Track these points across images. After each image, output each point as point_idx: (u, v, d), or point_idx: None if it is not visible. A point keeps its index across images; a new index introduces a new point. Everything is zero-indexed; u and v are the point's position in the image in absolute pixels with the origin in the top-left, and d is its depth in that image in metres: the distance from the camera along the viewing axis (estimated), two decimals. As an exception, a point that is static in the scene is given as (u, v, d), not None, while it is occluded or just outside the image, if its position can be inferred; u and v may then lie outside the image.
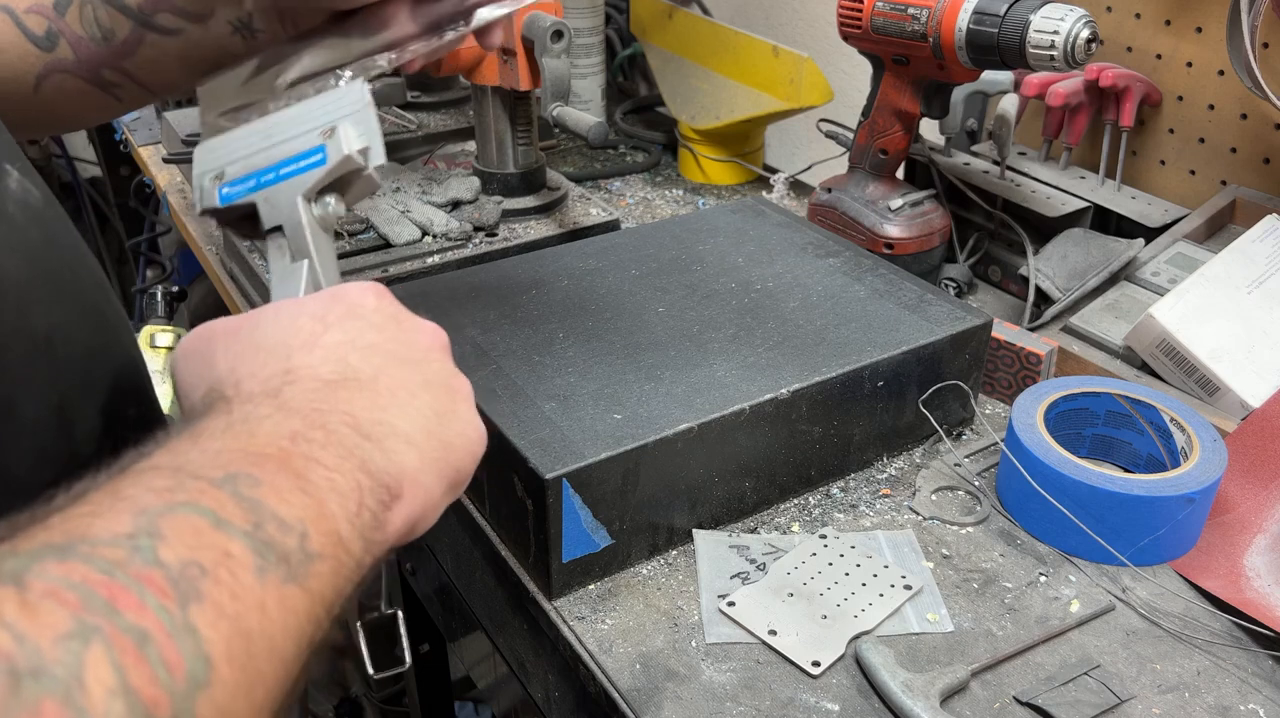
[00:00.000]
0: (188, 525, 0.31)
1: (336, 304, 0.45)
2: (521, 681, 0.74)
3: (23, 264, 0.44)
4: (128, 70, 0.66)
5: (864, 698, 0.58)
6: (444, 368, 0.46)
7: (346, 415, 0.40)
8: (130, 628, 0.27)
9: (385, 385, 0.42)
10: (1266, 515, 0.69)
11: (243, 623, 0.31)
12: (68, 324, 0.47)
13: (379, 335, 0.44)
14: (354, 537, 0.37)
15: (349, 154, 0.50)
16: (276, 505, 0.34)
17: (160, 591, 0.29)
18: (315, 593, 0.34)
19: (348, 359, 0.42)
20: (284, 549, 0.33)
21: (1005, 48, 0.80)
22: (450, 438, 0.43)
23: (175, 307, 1.45)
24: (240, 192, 0.52)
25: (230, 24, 0.65)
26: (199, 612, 0.29)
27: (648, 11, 1.35)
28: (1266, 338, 0.79)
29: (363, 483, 0.38)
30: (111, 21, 0.64)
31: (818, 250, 0.86)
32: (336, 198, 0.51)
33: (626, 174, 1.32)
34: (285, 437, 0.37)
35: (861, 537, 0.69)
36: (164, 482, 0.33)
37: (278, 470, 0.36)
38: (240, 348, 0.43)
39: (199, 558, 0.31)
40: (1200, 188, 0.99)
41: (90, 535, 0.30)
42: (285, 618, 0.32)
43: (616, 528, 0.65)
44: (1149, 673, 0.60)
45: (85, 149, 2.18)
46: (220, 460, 0.35)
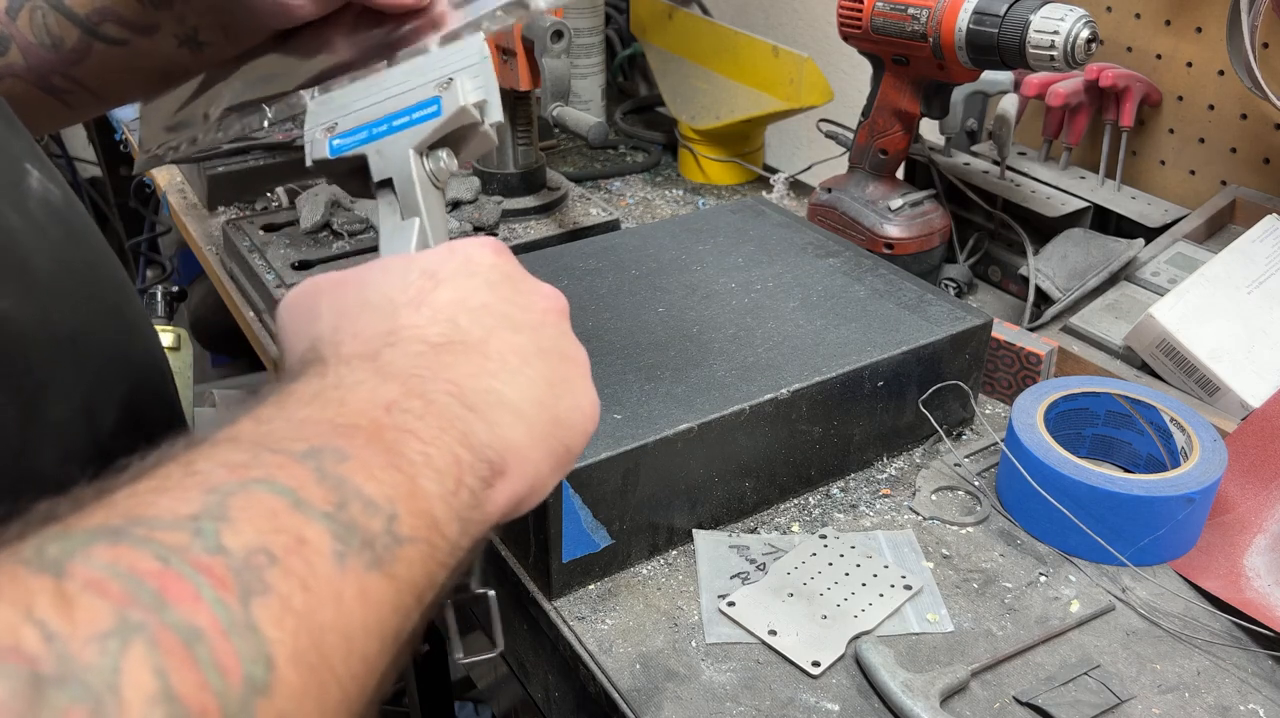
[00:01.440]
0: (260, 507, 0.28)
1: (451, 259, 0.42)
2: (521, 681, 0.74)
3: (47, 264, 0.44)
4: (76, 78, 0.67)
5: (864, 698, 0.58)
6: (560, 335, 0.43)
7: (450, 383, 0.37)
8: (179, 625, 0.24)
9: (495, 350, 0.39)
10: (1266, 515, 0.69)
11: (314, 618, 0.27)
12: (92, 323, 0.47)
13: (493, 295, 0.41)
14: (450, 518, 0.34)
15: (465, 106, 0.48)
16: (364, 483, 0.31)
17: (219, 582, 0.26)
18: (403, 581, 0.31)
19: (457, 320, 0.39)
20: (369, 533, 0.30)
21: (1005, 48, 0.80)
22: (562, 411, 0.40)
23: (175, 307, 1.45)
24: (351, 143, 0.50)
25: (176, 37, 0.66)
26: (262, 606, 0.26)
27: (648, 11, 1.35)
28: (1266, 338, 0.79)
29: (462, 458, 0.35)
30: (61, 29, 0.65)
31: (818, 250, 0.86)
32: (449, 153, 0.49)
33: (626, 174, 1.32)
34: (380, 406, 0.34)
35: (861, 537, 0.69)
36: (241, 455, 0.30)
37: (367, 444, 0.32)
38: (345, 303, 0.40)
39: (268, 544, 0.27)
40: (1200, 188, 0.99)
41: (150, 515, 0.27)
42: (366, 611, 0.29)
43: (616, 528, 0.65)
44: (1149, 673, 0.60)
45: (85, 149, 2.18)
46: (305, 432, 0.32)
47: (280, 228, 1.02)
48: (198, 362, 1.94)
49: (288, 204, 1.11)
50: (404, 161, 0.48)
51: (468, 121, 0.49)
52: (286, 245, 0.98)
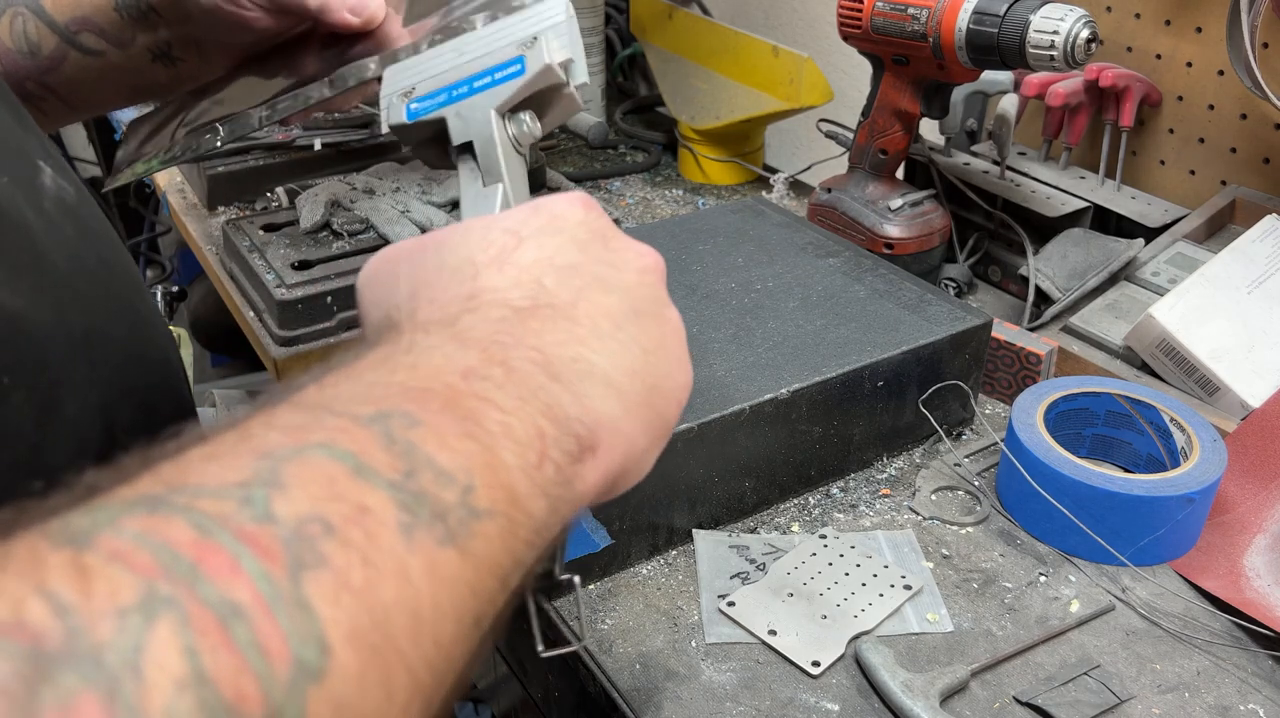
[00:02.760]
0: (318, 472, 0.26)
1: (536, 216, 0.38)
2: (521, 681, 0.74)
3: (61, 262, 0.44)
4: (50, 85, 0.68)
5: (864, 698, 0.58)
6: (656, 295, 0.39)
7: (534, 351, 0.34)
8: (216, 600, 0.22)
9: (585, 313, 0.36)
10: (1266, 515, 0.69)
11: (376, 595, 0.24)
12: (106, 320, 0.47)
13: (582, 254, 0.38)
14: (534, 493, 0.31)
15: (550, 64, 0.46)
16: (436, 451, 0.28)
17: (266, 552, 0.23)
18: (481, 558, 0.28)
19: (542, 280, 0.36)
20: (441, 504, 0.27)
21: (1005, 48, 0.80)
22: (656, 379, 0.37)
23: (175, 307, 1.45)
24: (429, 106, 0.48)
25: (150, 51, 0.67)
26: (315, 581, 0.23)
27: (648, 11, 1.35)
28: (1266, 338, 0.79)
29: (546, 431, 0.32)
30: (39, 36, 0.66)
31: (818, 250, 0.86)
32: (533, 115, 0.47)
33: (626, 174, 1.32)
34: (456, 372, 0.31)
35: (861, 537, 0.69)
36: (299, 418, 0.28)
37: (442, 410, 0.30)
38: (424, 268, 0.38)
39: (324, 512, 0.25)
40: (1200, 188, 0.99)
41: (195, 483, 0.24)
42: (438, 589, 0.26)
43: (616, 528, 0.65)
44: (1149, 673, 0.60)
45: (85, 149, 2.18)
46: (373, 394, 0.29)
47: (280, 228, 1.02)
48: (198, 362, 1.94)
49: (288, 204, 1.11)
50: (485, 124, 0.46)
51: (553, 82, 0.46)
52: (286, 245, 0.98)
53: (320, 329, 0.92)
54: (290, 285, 0.91)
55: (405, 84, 0.50)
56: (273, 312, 0.92)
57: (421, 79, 0.49)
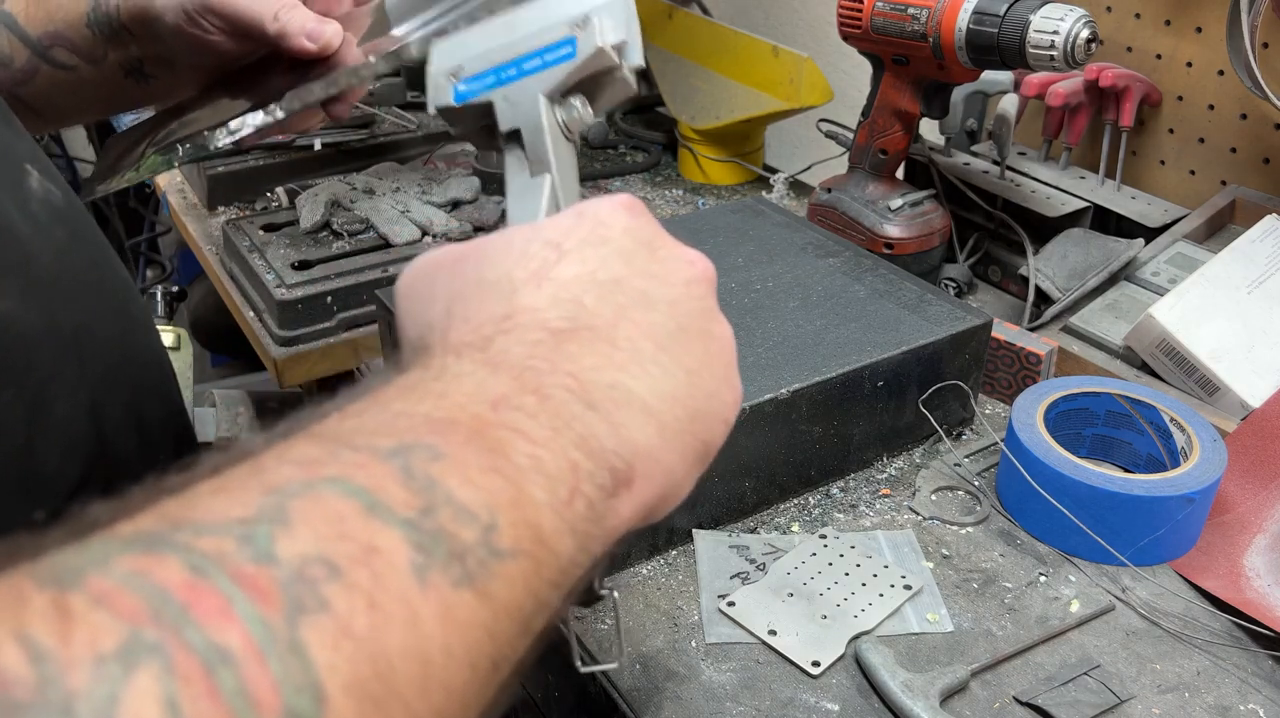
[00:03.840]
0: (326, 510, 0.25)
1: (579, 225, 0.37)
2: (521, 680, 0.74)
3: (49, 264, 0.44)
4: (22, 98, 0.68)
5: (864, 698, 0.58)
6: (704, 309, 0.38)
7: (570, 378, 0.32)
8: (205, 645, 0.21)
9: (625, 335, 0.34)
10: (1266, 515, 0.69)
11: (380, 642, 0.23)
12: (95, 323, 0.47)
13: (626, 267, 0.36)
14: (562, 531, 0.29)
15: (602, 47, 0.43)
16: (458, 487, 0.27)
17: (262, 596, 0.22)
18: (501, 601, 0.27)
19: (583, 299, 0.34)
20: (458, 544, 0.26)
21: (1005, 48, 0.80)
22: (699, 402, 0.35)
23: (175, 307, 1.46)
24: (477, 89, 0.45)
25: (122, 67, 0.68)
26: (313, 626, 0.22)
27: (648, 11, 1.35)
28: (1266, 338, 0.79)
29: (580, 465, 0.31)
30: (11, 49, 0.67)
31: (818, 250, 0.86)
32: (584, 101, 0.45)
33: (626, 174, 1.32)
34: (486, 402, 0.30)
35: (861, 537, 0.69)
36: (315, 451, 0.27)
37: (467, 443, 0.28)
38: (462, 282, 0.36)
39: (330, 553, 0.24)
40: (1200, 188, 0.99)
41: (198, 520, 0.23)
42: (450, 633, 0.25)
43: (616, 528, 0.65)
44: (1149, 673, 0.60)
45: (85, 149, 2.18)
46: (396, 426, 0.28)
47: (280, 228, 1.02)
48: (198, 362, 1.94)
49: (288, 204, 1.11)
50: (534, 109, 0.44)
51: (606, 65, 0.44)
52: (286, 245, 0.98)
53: (320, 329, 0.92)
54: (290, 285, 0.91)
55: (453, 62, 0.47)
56: (273, 312, 0.92)
57: (470, 57, 0.46)
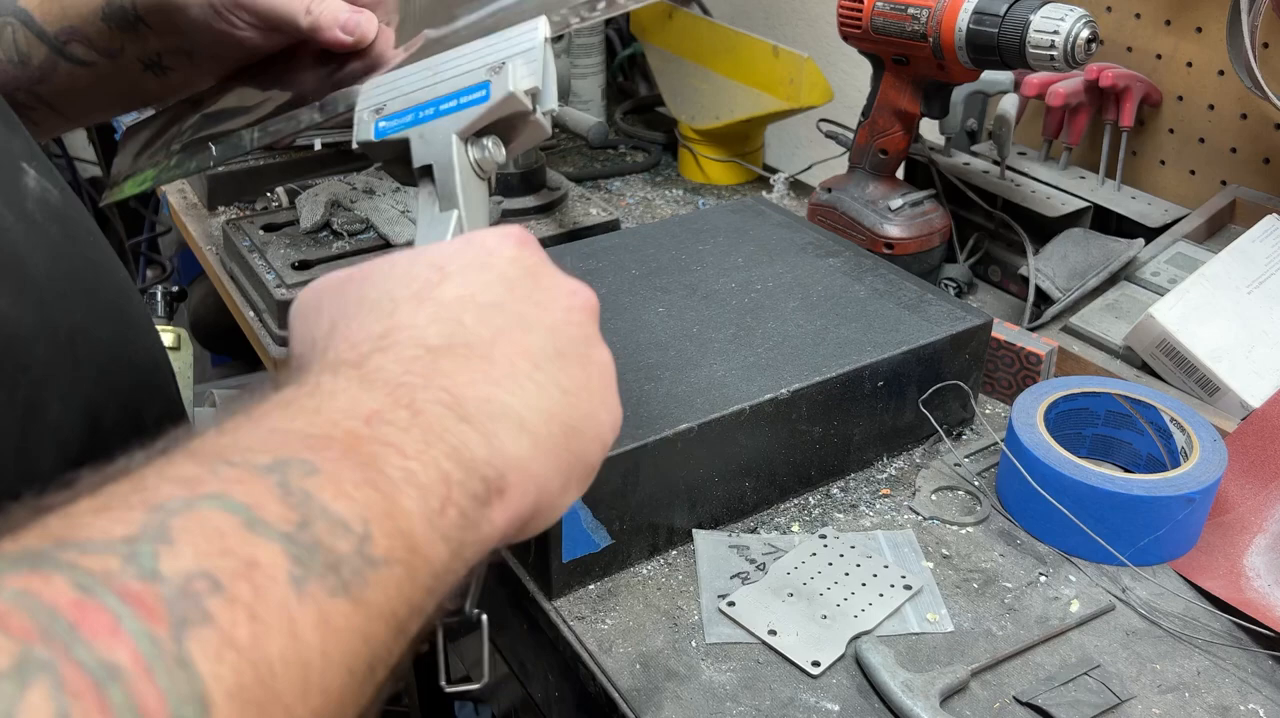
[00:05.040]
0: (208, 526, 0.26)
1: (465, 251, 0.38)
2: (521, 681, 0.74)
3: (45, 262, 0.44)
4: (41, 95, 0.67)
5: (864, 698, 0.58)
6: (584, 336, 0.39)
7: (444, 392, 0.33)
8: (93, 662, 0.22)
9: (503, 354, 0.36)
10: (1266, 515, 0.69)
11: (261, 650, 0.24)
12: (90, 323, 0.47)
13: (508, 292, 0.37)
14: (435, 539, 0.30)
15: (514, 93, 0.45)
16: (332, 500, 0.28)
17: (149, 612, 0.23)
18: (376, 608, 0.28)
19: (461, 318, 0.36)
20: (334, 555, 0.27)
21: (1005, 48, 0.80)
22: (575, 420, 0.37)
23: (175, 307, 1.45)
24: (396, 126, 0.48)
25: (140, 61, 0.67)
26: (198, 639, 0.23)
27: (648, 11, 1.35)
28: (1266, 338, 0.79)
29: (452, 475, 0.32)
30: (29, 46, 0.66)
31: (818, 250, 0.86)
32: (496, 141, 0.47)
33: (626, 174, 1.32)
34: (359, 417, 0.31)
35: (861, 537, 0.69)
36: (194, 469, 0.28)
37: (341, 457, 0.29)
38: (345, 302, 0.37)
39: (211, 568, 0.25)
40: (1200, 188, 0.99)
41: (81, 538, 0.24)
42: (327, 640, 0.26)
43: (616, 528, 0.65)
44: (1149, 673, 0.60)
45: (85, 149, 2.18)
46: (272, 443, 0.29)
47: (280, 228, 1.02)
48: (198, 362, 1.94)
49: (288, 204, 1.11)
50: (446, 148, 0.46)
51: (517, 109, 0.46)
52: (286, 245, 0.98)
53: (320, 329, 0.92)
54: (290, 285, 0.91)
55: (377, 100, 0.50)
56: (273, 312, 0.92)
57: (393, 96, 0.49)
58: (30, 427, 0.41)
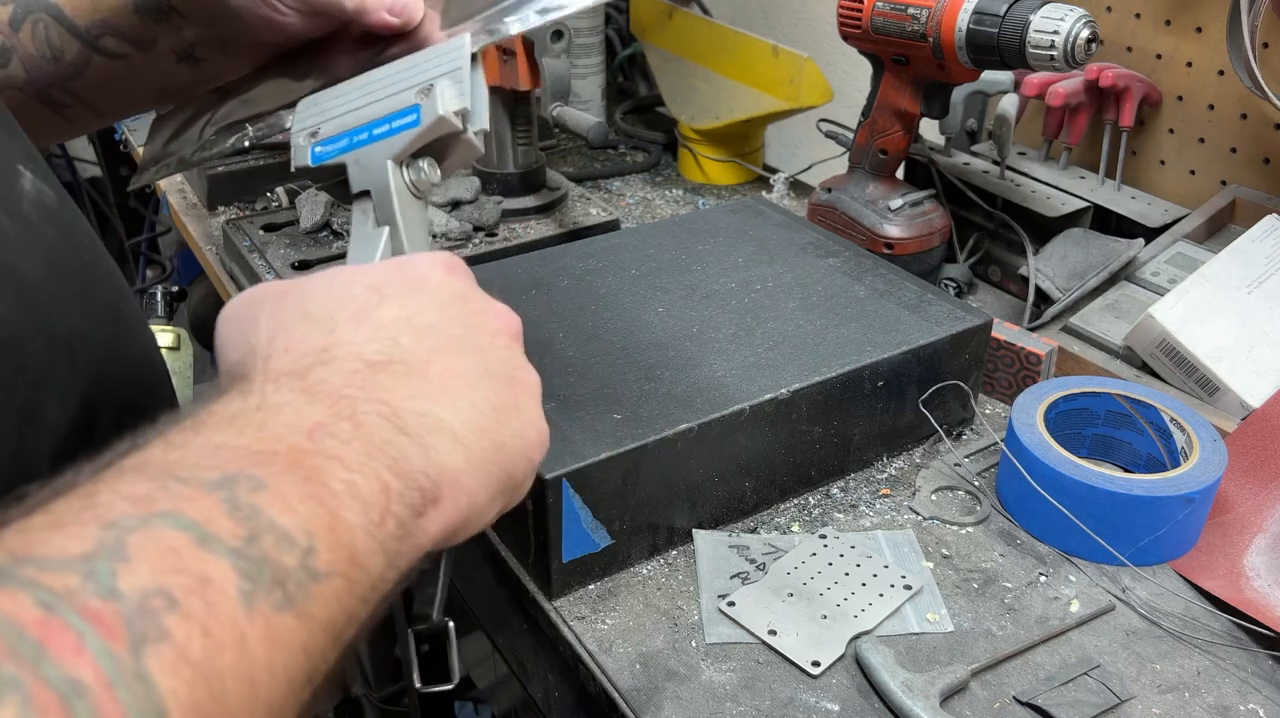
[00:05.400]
0: (162, 544, 0.26)
1: (400, 275, 0.40)
2: (521, 681, 0.74)
3: (40, 265, 0.44)
4: (75, 91, 0.67)
5: (864, 698, 0.58)
6: (510, 357, 0.41)
7: (383, 404, 0.35)
8: (60, 680, 0.23)
9: (437, 372, 0.37)
10: (1266, 515, 0.69)
11: (214, 665, 0.26)
12: (86, 325, 0.47)
13: (441, 314, 0.40)
14: (374, 551, 0.32)
15: (444, 115, 0.46)
16: (278, 515, 0.29)
17: (109, 630, 0.24)
18: (317, 620, 0.29)
19: (398, 339, 0.38)
20: (280, 570, 0.28)
21: (1005, 48, 0.80)
22: (505, 437, 0.39)
23: (175, 307, 1.45)
24: (331, 152, 0.49)
25: (174, 52, 0.66)
26: (156, 655, 0.24)
27: (648, 11, 1.35)
28: (1266, 338, 0.79)
29: (391, 486, 0.33)
30: (61, 41, 0.65)
31: (818, 250, 0.86)
32: (431, 162, 0.48)
33: (626, 174, 1.32)
34: (302, 431, 0.32)
35: (861, 537, 0.69)
36: (146, 486, 0.28)
37: (286, 472, 0.31)
38: (285, 315, 0.39)
39: (168, 585, 0.26)
40: (1200, 188, 0.99)
41: (40, 555, 0.25)
42: (273, 653, 0.27)
43: (616, 528, 0.65)
44: (1149, 673, 0.60)
45: (85, 149, 2.18)
46: (220, 458, 0.30)
47: (280, 228, 1.02)
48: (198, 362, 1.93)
49: (288, 204, 1.11)
50: (382, 173, 0.47)
51: (448, 131, 0.47)
52: (286, 245, 0.98)
53: (320, 329, 0.92)
54: (290, 285, 0.91)
55: (311, 124, 0.51)
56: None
57: (326, 119, 0.50)
58: (27, 429, 0.41)
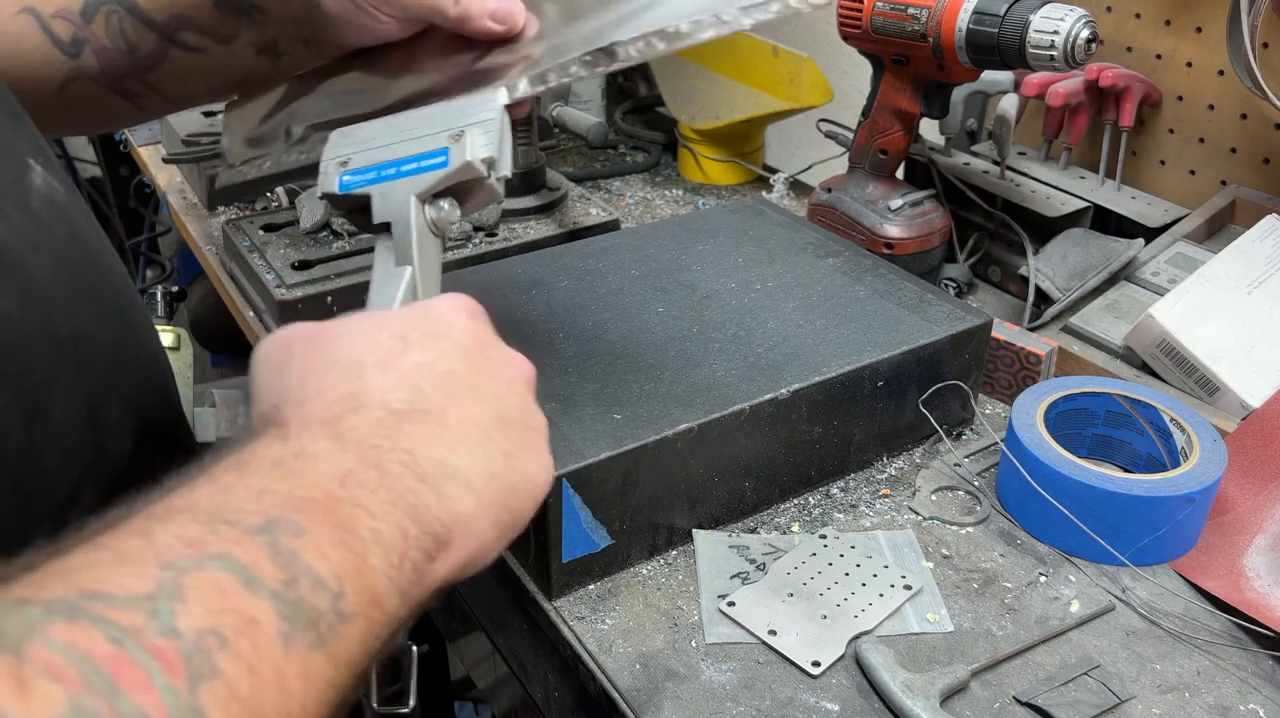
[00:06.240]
0: (214, 586, 0.29)
1: (423, 321, 0.43)
2: (521, 681, 0.74)
3: (49, 263, 0.44)
4: (150, 82, 0.66)
5: (864, 698, 0.58)
6: (523, 404, 0.44)
7: (406, 454, 0.37)
8: (130, 711, 0.25)
9: (455, 420, 0.40)
10: (1266, 515, 0.69)
11: (257, 703, 0.28)
12: (93, 322, 0.47)
13: (461, 363, 0.42)
14: (391, 592, 0.34)
15: (470, 161, 0.49)
16: (314, 560, 0.32)
17: (170, 667, 0.27)
18: (342, 658, 0.32)
19: (420, 385, 0.40)
20: (315, 612, 0.31)
21: (1005, 48, 0.80)
22: (514, 482, 0.41)
23: (175, 307, 1.45)
24: (359, 182, 0.51)
25: (254, 46, 0.65)
26: (209, 691, 0.27)
27: (648, 11, 1.35)
28: (1266, 338, 0.79)
29: (409, 532, 0.36)
30: (137, 34, 0.64)
31: (818, 250, 0.86)
32: (453, 203, 0.50)
33: (626, 174, 1.32)
34: (336, 479, 0.35)
35: (861, 537, 0.69)
36: (197, 529, 0.31)
37: (321, 519, 0.33)
38: (315, 360, 0.41)
39: (219, 625, 0.28)
40: (1200, 188, 0.99)
41: (106, 592, 0.28)
42: (306, 690, 0.30)
43: (616, 528, 0.65)
44: (1149, 673, 0.60)
45: (85, 149, 2.18)
46: (263, 504, 0.33)
47: (280, 228, 1.02)
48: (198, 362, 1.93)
49: (288, 204, 1.11)
50: (404, 207, 0.49)
51: (473, 176, 0.50)
52: (286, 245, 0.98)
53: (320, 329, 0.92)
54: (290, 285, 0.91)
55: (343, 153, 0.53)
56: (273, 312, 0.92)
57: (358, 150, 0.53)
58: (33, 429, 0.41)
